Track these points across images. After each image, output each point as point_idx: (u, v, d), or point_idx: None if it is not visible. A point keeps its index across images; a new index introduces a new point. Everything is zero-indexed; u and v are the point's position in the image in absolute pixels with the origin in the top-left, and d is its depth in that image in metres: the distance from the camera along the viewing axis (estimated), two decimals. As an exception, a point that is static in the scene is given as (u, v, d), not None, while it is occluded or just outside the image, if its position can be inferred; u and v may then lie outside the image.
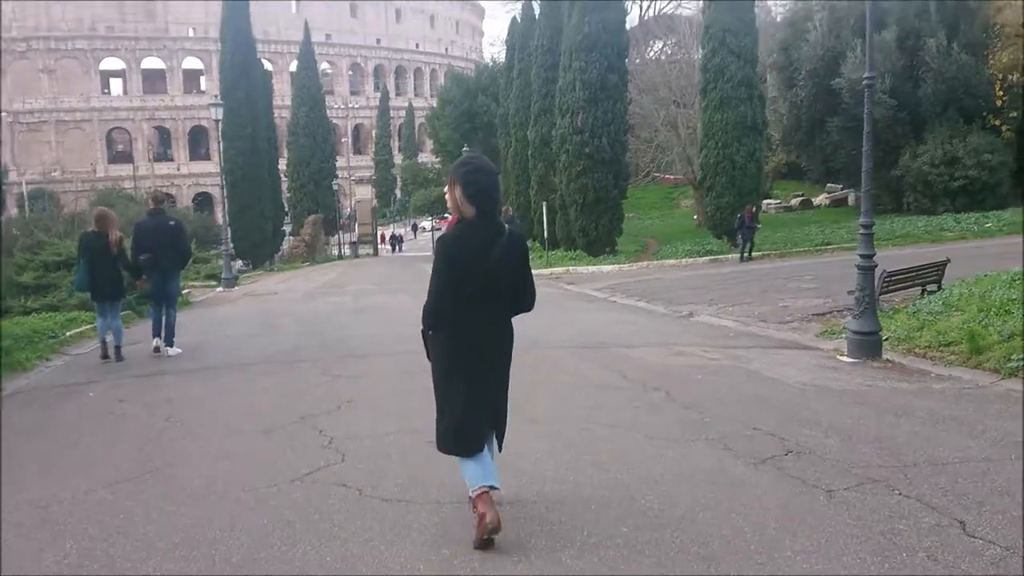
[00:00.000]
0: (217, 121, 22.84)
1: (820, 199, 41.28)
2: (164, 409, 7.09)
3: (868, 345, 8.46)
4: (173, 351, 10.46)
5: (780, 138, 36.69)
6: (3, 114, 73.78)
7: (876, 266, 9.13)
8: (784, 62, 35.23)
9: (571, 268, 25.72)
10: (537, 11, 33.33)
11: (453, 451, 4.02)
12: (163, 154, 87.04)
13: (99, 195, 62.34)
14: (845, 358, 8.53)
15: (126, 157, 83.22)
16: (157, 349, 10.40)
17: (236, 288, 22.63)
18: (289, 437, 5.96)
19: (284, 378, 8.41)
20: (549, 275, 25.11)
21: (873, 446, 5.23)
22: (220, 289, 22.24)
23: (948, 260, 12.45)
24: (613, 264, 25.45)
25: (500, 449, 4.23)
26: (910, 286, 12.02)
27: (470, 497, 3.90)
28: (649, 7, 53.32)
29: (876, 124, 30.51)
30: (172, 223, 10.76)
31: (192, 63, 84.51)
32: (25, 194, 64.99)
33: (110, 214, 10.62)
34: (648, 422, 6.05)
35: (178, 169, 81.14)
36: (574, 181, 26.59)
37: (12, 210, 62.92)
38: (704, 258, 24.89)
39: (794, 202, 41.71)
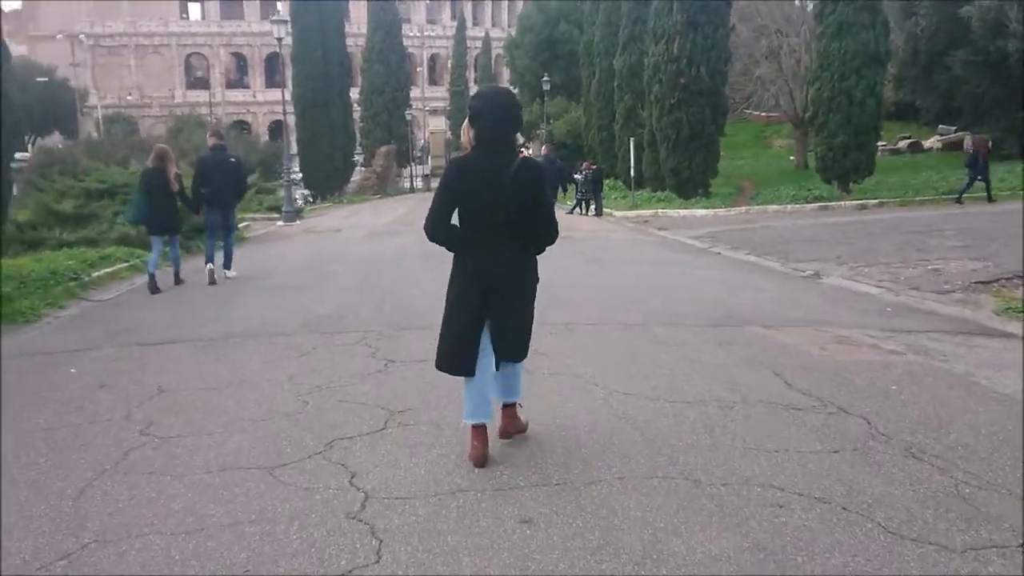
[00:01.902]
0: (279, 39, 21.06)
1: (931, 142, 37.64)
2: (148, 409, 5.11)
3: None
4: (231, 273, 11.27)
5: (894, 73, 33.19)
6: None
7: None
8: (903, -13, 31.72)
9: (660, 211, 23.48)
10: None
11: (447, 370, 4.23)
12: (239, 81, 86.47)
13: (177, 121, 62.01)
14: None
15: (203, 83, 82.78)
16: (212, 275, 10.85)
17: (297, 222, 21.11)
18: (304, 487, 3.79)
19: (319, 360, 6.31)
20: (636, 218, 22.97)
21: None
22: (280, 223, 20.78)
23: None
24: (707, 208, 23.09)
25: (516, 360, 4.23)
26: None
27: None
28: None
29: (1007, 59, 27.49)
30: (232, 159, 11.48)
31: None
32: (99, 118, 64.93)
33: (168, 151, 11.04)
34: (875, 494, 3.63)
35: (254, 96, 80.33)
36: (667, 115, 24.12)
37: (93, 133, 63.10)
38: (812, 204, 22.28)
39: (902, 144, 38.13)
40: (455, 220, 4.11)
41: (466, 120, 4.06)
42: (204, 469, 4.05)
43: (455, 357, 4.14)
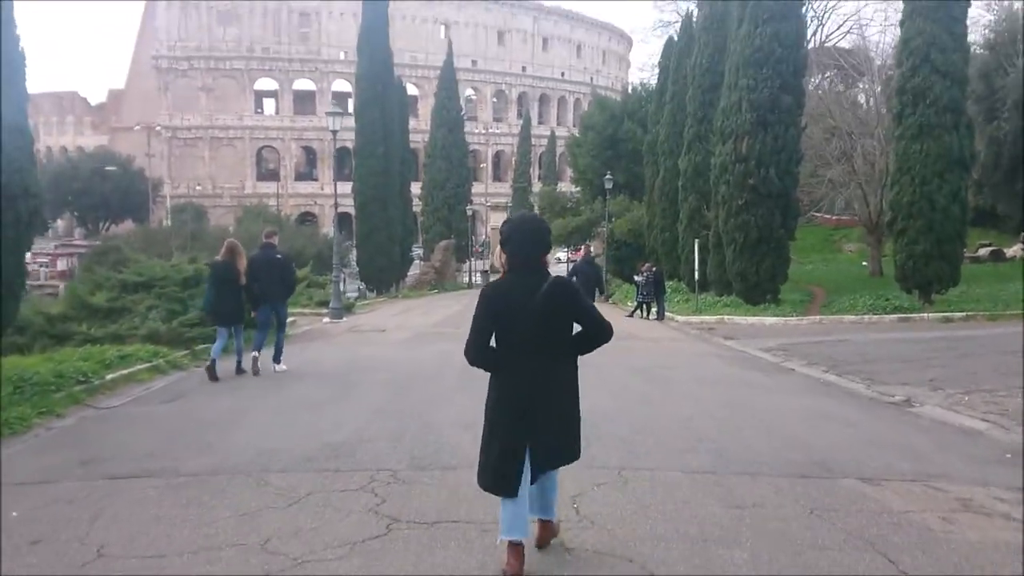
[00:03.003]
0: (333, 132, 20.69)
1: (1013, 250, 35.68)
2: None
3: None
4: (281, 367, 11.63)
5: (975, 178, 31.67)
6: None
7: None
8: (984, 91, 30.45)
9: (726, 317, 22.09)
10: (697, 27, 30.09)
11: (490, 489, 4.23)
12: (308, 173, 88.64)
13: (245, 211, 63.18)
14: None
15: (273, 175, 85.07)
16: (255, 363, 11.32)
17: (344, 319, 20.25)
18: None
19: (309, 515, 5.10)
20: (700, 324, 21.61)
21: None
22: (327, 320, 19.97)
23: None
24: (777, 316, 21.62)
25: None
26: None
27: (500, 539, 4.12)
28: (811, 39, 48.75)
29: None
30: (279, 257, 11.94)
31: (341, 86, 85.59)
32: (168, 207, 66.64)
33: (238, 246, 11.37)
34: None
35: (321, 188, 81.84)
36: (733, 217, 22.96)
37: (165, 221, 64.69)
38: (891, 316, 20.63)
39: (983, 252, 36.21)
40: (492, 341, 4.25)
41: (499, 246, 4.35)
42: None
43: (498, 476, 4.17)
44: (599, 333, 4.33)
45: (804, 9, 24.79)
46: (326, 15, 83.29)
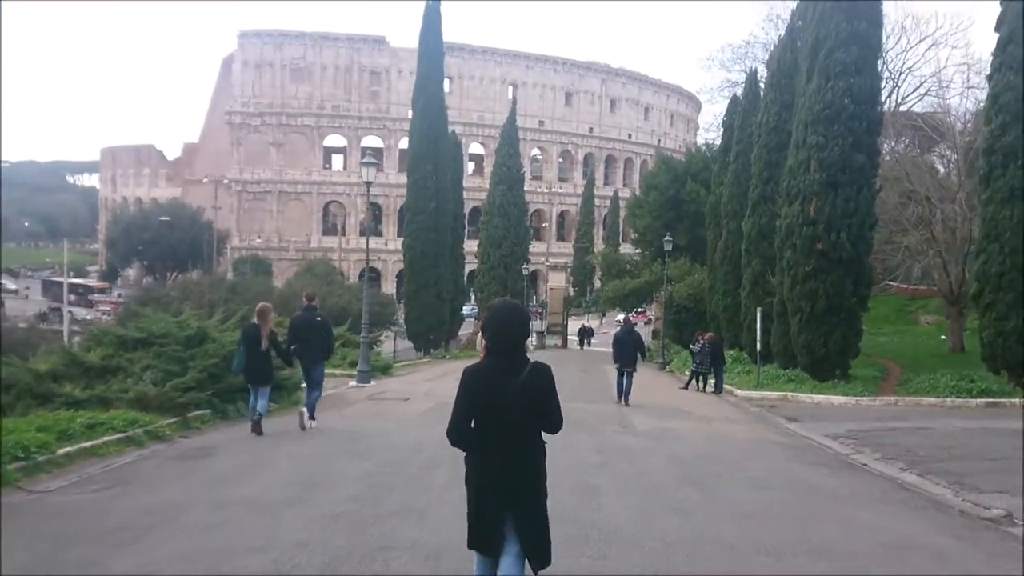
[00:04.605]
0: (368, 183, 19.68)
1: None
2: None
3: None
4: (315, 424, 12.13)
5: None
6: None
7: None
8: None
9: (790, 394, 20.12)
10: (763, 84, 28.70)
11: (473, 547, 4.52)
12: (373, 229, 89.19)
13: (307, 264, 63.31)
14: None
15: (338, 229, 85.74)
16: (302, 419, 11.97)
17: (372, 384, 18.92)
18: None
19: None
20: (760, 401, 19.72)
21: None
22: (353, 383, 18.71)
23: None
24: (847, 394, 19.56)
25: (538, 565, 4.41)
26: None
27: None
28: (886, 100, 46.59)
29: None
30: (319, 319, 12.61)
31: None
32: (230, 258, 67.26)
33: (268, 310, 11.94)
34: None
35: (385, 244, 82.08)
36: (800, 283, 21.11)
37: (228, 273, 65.22)
38: (978, 399, 18.41)
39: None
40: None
41: (480, 331, 5.09)
42: None
43: (476, 537, 4.46)
44: (554, 426, 4.52)
45: (879, 65, 23.10)
46: (395, 74, 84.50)
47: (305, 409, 12.09)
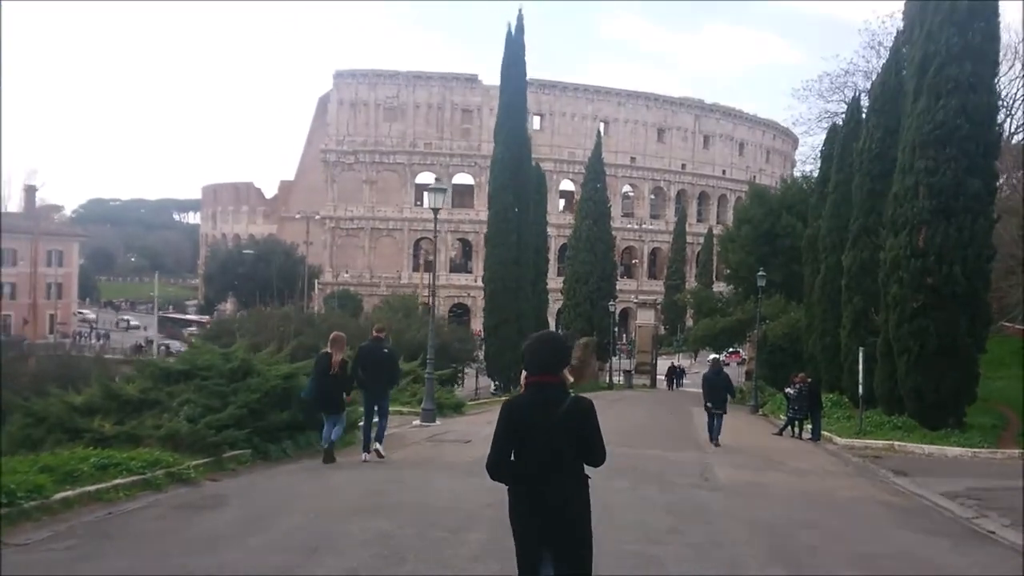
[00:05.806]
0: (435, 210, 18.84)
1: None
2: None
3: None
4: (381, 447, 12.47)
5: None
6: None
7: None
8: None
9: (897, 443, 18.10)
10: (866, 112, 26.79)
11: None
12: (463, 265, 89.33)
13: (395, 300, 63.45)
14: None
15: (428, 266, 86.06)
16: (366, 452, 12.30)
17: (437, 422, 17.84)
18: None
19: None
20: (863, 450, 17.78)
21: None
22: (416, 422, 17.70)
23: None
24: (963, 446, 17.43)
25: None
26: None
27: None
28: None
29: None
30: (386, 351, 12.81)
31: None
32: (318, 293, 68.05)
33: (341, 339, 12.31)
34: None
35: (475, 280, 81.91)
36: (908, 321, 19.10)
37: (318, 307, 66.00)
38: (1120, 456, 16.10)
39: None
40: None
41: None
42: None
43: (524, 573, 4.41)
44: (592, 459, 4.47)
45: (996, 80, 21.00)
46: (487, 111, 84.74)
47: (379, 445, 12.41)
